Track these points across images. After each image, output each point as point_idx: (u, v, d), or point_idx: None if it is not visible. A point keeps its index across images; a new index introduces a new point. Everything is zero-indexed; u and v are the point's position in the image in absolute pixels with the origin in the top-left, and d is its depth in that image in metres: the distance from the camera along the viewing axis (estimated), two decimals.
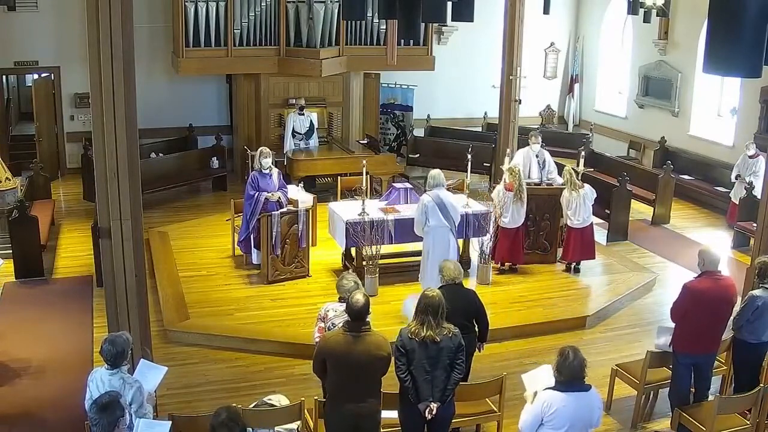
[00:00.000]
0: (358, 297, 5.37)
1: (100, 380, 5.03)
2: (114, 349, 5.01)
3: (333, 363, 5.32)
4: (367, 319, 5.47)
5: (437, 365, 5.36)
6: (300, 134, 12.97)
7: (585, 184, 9.98)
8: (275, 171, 9.79)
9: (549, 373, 4.97)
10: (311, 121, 13.07)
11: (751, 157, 11.71)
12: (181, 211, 12.53)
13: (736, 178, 11.86)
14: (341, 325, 5.52)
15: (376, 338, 5.38)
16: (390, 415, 5.75)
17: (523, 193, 9.71)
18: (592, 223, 10.07)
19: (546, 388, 4.90)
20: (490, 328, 6.66)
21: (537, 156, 10.79)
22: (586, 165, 13.72)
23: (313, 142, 13.12)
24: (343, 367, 5.29)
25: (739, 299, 6.72)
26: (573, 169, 10.13)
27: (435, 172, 8.93)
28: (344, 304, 5.86)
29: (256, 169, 9.73)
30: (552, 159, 11.10)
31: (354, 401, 5.33)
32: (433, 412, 5.37)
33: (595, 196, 10.01)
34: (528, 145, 10.85)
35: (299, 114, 12.97)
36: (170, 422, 5.03)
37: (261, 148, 9.88)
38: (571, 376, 4.78)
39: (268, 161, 9.64)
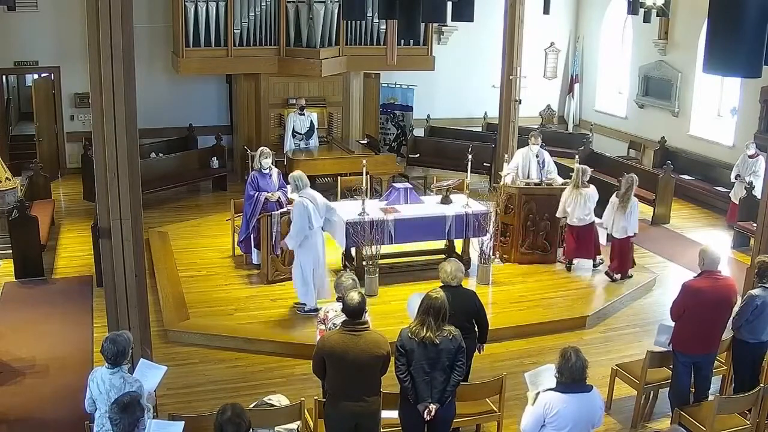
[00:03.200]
0: (353, 295, 5.41)
1: (101, 380, 5.04)
2: (115, 348, 5.02)
3: (332, 362, 5.32)
4: (366, 318, 5.49)
5: (436, 366, 5.36)
6: (300, 134, 12.96)
7: (591, 186, 9.96)
8: (275, 171, 9.79)
9: (552, 372, 4.97)
10: (311, 121, 13.07)
11: (750, 156, 11.71)
12: (181, 211, 12.52)
13: (736, 178, 11.86)
14: (339, 324, 5.54)
15: (374, 337, 5.39)
16: (390, 415, 5.75)
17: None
18: (592, 223, 10.06)
19: (547, 390, 4.90)
20: (490, 328, 6.65)
21: (537, 156, 10.82)
22: (587, 165, 13.76)
23: (314, 142, 13.12)
24: (342, 366, 5.29)
25: (739, 299, 6.72)
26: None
27: (298, 174, 8.66)
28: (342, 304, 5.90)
29: (256, 169, 9.73)
30: (551, 159, 11.11)
31: (354, 400, 5.33)
32: (432, 413, 5.37)
33: (596, 198, 9.99)
34: (528, 145, 10.86)
35: (299, 114, 12.96)
36: (182, 422, 5.01)
37: (261, 148, 9.87)
38: (572, 378, 4.78)
39: (268, 161, 9.64)
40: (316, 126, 13.18)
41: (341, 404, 5.35)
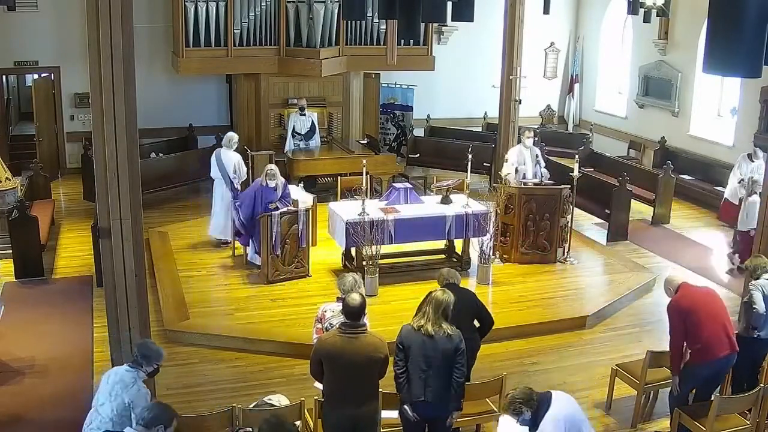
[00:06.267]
0: (354, 296, 5.38)
1: (114, 372, 5.11)
2: (147, 351, 5.18)
3: (329, 364, 5.30)
4: (364, 321, 5.47)
5: (432, 364, 5.35)
6: (300, 135, 12.93)
7: (755, 195, 9.93)
8: (280, 183, 9.70)
9: (513, 422, 4.96)
10: (312, 121, 13.04)
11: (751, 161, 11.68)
12: (181, 211, 12.52)
13: (739, 183, 11.77)
14: (337, 326, 5.51)
15: (372, 340, 5.36)
16: (390, 415, 5.75)
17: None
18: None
19: (539, 423, 4.83)
20: None
21: (537, 156, 10.89)
22: (587, 165, 13.80)
23: (314, 142, 13.07)
24: (339, 368, 5.28)
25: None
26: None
27: (230, 134, 10.87)
28: (341, 304, 5.90)
29: (264, 185, 9.61)
30: (542, 157, 11.18)
31: (351, 403, 5.31)
32: (416, 419, 5.41)
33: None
34: (520, 142, 10.94)
35: (300, 114, 12.95)
36: None
37: (268, 169, 9.70)
38: (542, 399, 4.83)
39: (274, 182, 9.58)
40: (317, 126, 13.15)
41: (339, 407, 5.33)
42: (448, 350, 5.37)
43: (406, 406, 5.41)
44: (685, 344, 6.23)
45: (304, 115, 12.95)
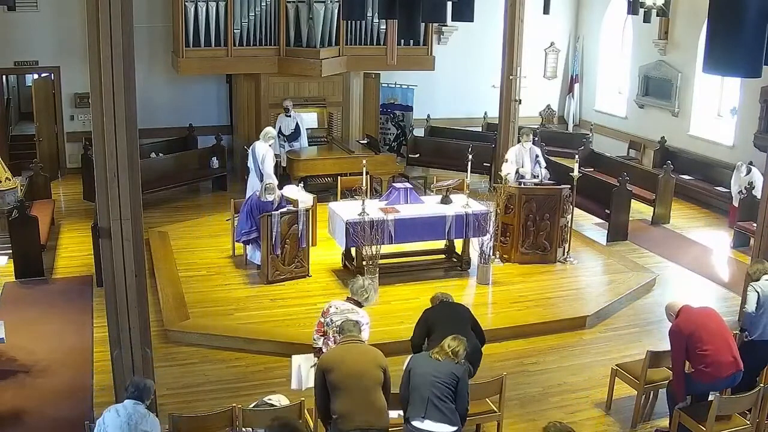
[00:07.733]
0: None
1: (123, 407, 5.10)
2: (142, 383, 5.20)
3: (331, 376, 5.29)
4: (363, 336, 5.69)
5: (434, 384, 5.34)
6: (284, 135, 12.87)
7: None
8: (278, 197, 9.69)
9: None
10: (297, 123, 13.01)
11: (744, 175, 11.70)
12: (181, 211, 12.52)
13: (738, 193, 11.77)
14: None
15: (370, 347, 5.56)
16: (393, 414, 5.74)
17: None
18: None
19: None
20: (489, 327, 6.72)
21: (537, 156, 10.91)
22: (587, 165, 13.81)
23: (298, 144, 13.00)
24: (342, 376, 5.26)
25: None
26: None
27: (267, 128, 11.45)
28: (347, 303, 6.16)
29: (262, 200, 9.58)
30: (542, 157, 11.21)
31: (360, 415, 5.25)
32: None
33: None
34: (519, 142, 10.97)
35: (286, 116, 12.91)
36: None
37: (267, 183, 9.70)
38: None
39: (272, 196, 9.58)
40: (302, 128, 13.09)
41: (349, 422, 5.24)
42: (452, 373, 5.37)
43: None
44: (687, 363, 6.24)
45: (289, 116, 12.92)
